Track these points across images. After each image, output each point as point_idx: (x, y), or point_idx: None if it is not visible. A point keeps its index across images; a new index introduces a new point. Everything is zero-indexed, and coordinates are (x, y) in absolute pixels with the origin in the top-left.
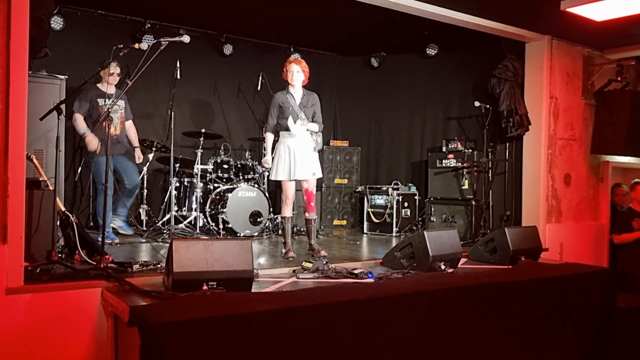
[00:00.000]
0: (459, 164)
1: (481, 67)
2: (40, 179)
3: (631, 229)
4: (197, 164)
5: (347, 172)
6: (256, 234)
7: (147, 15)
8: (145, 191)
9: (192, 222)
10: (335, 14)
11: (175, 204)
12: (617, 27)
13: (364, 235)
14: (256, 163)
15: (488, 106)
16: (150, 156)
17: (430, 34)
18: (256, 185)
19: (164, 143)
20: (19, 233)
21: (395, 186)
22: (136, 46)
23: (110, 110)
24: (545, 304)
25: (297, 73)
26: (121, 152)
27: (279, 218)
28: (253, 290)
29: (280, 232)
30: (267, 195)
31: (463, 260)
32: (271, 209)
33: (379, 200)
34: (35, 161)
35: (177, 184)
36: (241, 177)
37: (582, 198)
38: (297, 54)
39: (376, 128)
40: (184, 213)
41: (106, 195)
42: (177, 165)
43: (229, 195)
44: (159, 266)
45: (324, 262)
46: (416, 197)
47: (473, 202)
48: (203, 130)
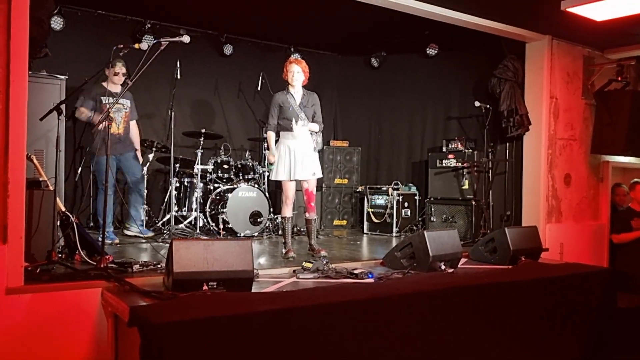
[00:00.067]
0: (459, 164)
1: (481, 67)
2: (40, 179)
3: (630, 229)
4: (197, 164)
5: (347, 172)
6: (256, 234)
7: (147, 15)
8: (145, 191)
9: (192, 222)
10: (335, 14)
11: (175, 204)
12: (618, 27)
13: (364, 235)
14: (256, 163)
15: (488, 106)
16: (150, 156)
17: (430, 34)
18: (256, 185)
19: (164, 143)
20: (19, 233)
21: (395, 186)
22: (136, 46)
23: (110, 110)
24: (545, 304)
25: (298, 73)
26: (124, 151)
27: (279, 218)
28: (253, 290)
29: (280, 232)
30: (267, 195)
31: (463, 260)
32: (271, 209)
33: (379, 200)
34: (35, 161)
35: (177, 184)
36: (241, 177)
37: (582, 198)
38: (298, 54)
39: (376, 128)
40: (184, 213)
41: (106, 195)
42: (177, 165)
43: (229, 195)
44: (159, 266)
45: (324, 262)
46: (416, 197)
47: (473, 202)
48: (203, 130)
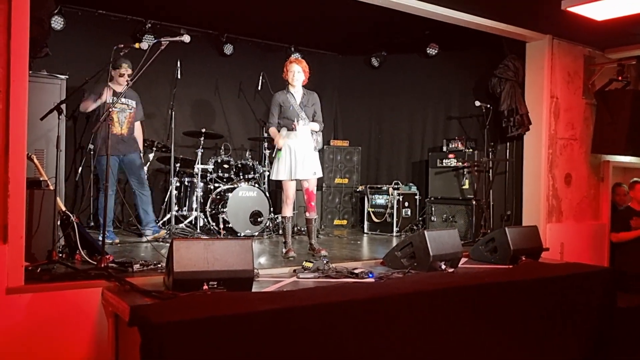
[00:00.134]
0: (460, 164)
1: (482, 67)
2: (40, 179)
3: (629, 228)
4: (198, 164)
5: (348, 172)
6: (257, 234)
7: (148, 15)
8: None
9: (193, 222)
10: (335, 14)
11: (175, 204)
12: (618, 27)
13: (365, 235)
14: (257, 163)
15: (489, 106)
16: (150, 156)
17: (430, 34)
18: (256, 185)
19: (165, 143)
20: (20, 233)
21: (395, 186)
22: (136, 46)
23: (111, 109)
24: (545, 304)
25: (298, 73)
26: (127, 152)
27: (280, 218)
28: (253, 289)
29: (280, 232)
30: (268, 195)
31: (463, 260)
32: (271, 209)
33: (380, 200)
34: (35, 161)
35: (178, 184)
36: (241, 177)
37: (583, 198)
38: (298, 54)
39: (377, 128)
40: (185, 213)
41: (106, 194)
42: (178, 165)
43: (230, 195)
44: (160, 266)
45: (325, 262)
46: (417, 197)
47: (473, 202)
48: (203, 130)
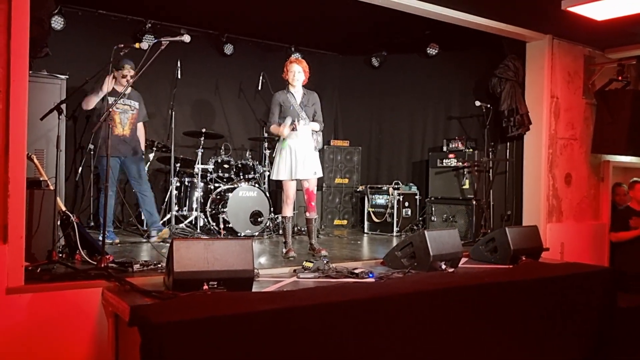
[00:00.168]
0: (460, 164)
1: (482, 67)
2: (40, 179)
3: (628, 227)
4: (198, 164)
5: (348, 172)
6: (257, 234)
7: (148, 15)
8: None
9: (193, 222)
10: (336, 14)
11: (175, 204)
12: (618, 27)
13: (365, 235)
14: (257, 163)
15: (489, 106)
16: (150, 156)
17: (431, 34)
18: (257, 185)
19: (165, 143)
20: (20, 233)
21: (396, 186)
22: (137, 46)
23: (111, 110)
24: (546, 304)
25: (299, 73)
26: (129, 153)
27: (280, 218)
28: (254, 289)
29: (280, 232)
30: (268, 195)
31: (464, 259)
32: (272, 209)
33: (380, 199)
34: (35, 161)
35: (178, 184)
36: (242, 177)
37: (583, 198)
38: (298, 54)
39: (377, 128)
40: (185, 213)
41: (106, 194)
42: (178, 165)
43: (230, 195)
44: (160, 266)
45: (325, 262)
46: (417, 197)
47: (474, 202)
48: (204, 130)
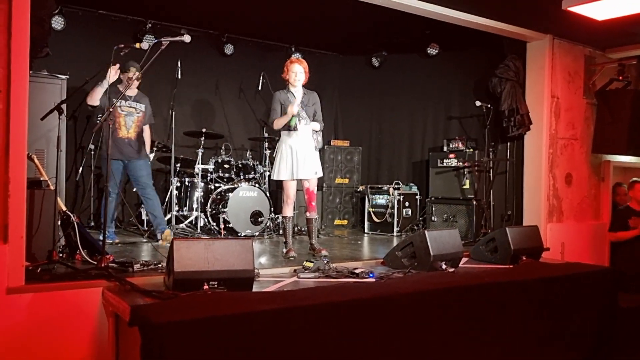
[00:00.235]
0: (460, 164)
1: (482, 67)
2: (41, 179)
3: (627, 227)
4: (198, 164)
5: (348, 172)
6: (257, 234)
7: (148, 15)
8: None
9: (193, 222)
10: (336, 14)
11: (176, 204)
12: (619, 27)
13: (365, 234)
14: (257, 163)
15: (489, 106)
16: (151, 156)
17: (431, 34)
18: (257, 185)
19: (165, 143)
20: (20, 233)
21: (396, 186)
22: (137, 46)
23: (111, 109)
24: (546, 304)
25: (300, 74)
26: (133, 157)
27: (280, 218)
28: (254, 289)
29: (281, 232)
30: (268, 194)
31: (464, 259)
32: (272, 209)
33: (380, 199)
34: (36, 161)
35: (178, 184)
36: (242, 177)
37: (584, 197)
38: (299, 54)
39: (377, 128)
40: (185, 213)
41: (107, 195)
42: (178, 165)
43: (230, 195)
44: (160, 266)
45: (325, 262)
46: (417, 197)
47: (474, 202)
48: (204, 130)
